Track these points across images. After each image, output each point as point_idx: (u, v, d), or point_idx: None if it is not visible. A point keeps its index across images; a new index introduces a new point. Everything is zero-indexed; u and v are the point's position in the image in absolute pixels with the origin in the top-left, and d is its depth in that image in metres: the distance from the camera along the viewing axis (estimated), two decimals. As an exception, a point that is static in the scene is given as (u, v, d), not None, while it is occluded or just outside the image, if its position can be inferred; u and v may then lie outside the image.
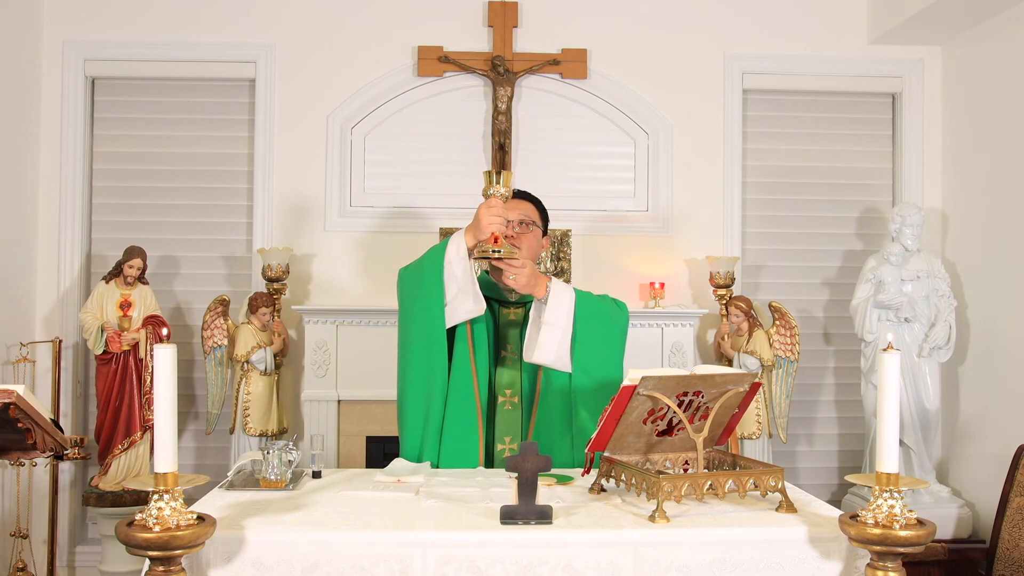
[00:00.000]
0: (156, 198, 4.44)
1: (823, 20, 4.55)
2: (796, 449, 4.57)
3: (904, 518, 1.74)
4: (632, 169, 4.52)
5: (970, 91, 4.35)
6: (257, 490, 2.19)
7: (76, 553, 4.32)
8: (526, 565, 1.81)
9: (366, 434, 4.17)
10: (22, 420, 1.90)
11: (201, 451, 4.41)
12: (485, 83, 4.42)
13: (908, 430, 4.02)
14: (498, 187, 2.40)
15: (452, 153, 4.45)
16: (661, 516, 1.90)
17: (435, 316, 2.48)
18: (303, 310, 4.19)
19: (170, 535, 1.61)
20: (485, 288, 2.66)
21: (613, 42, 4.49)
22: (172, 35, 4.38)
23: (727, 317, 4.22)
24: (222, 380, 4.12)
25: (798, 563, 1.87)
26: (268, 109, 4.40)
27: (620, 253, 4.45)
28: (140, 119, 4.45)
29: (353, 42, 4.43)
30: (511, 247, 2.43)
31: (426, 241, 4.33)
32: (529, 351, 2.53)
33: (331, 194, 4.40)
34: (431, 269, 2.48)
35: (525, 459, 1.92)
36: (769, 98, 4.62)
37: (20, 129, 4.18)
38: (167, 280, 4.41)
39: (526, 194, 2.71)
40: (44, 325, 4.29)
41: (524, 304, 2.72)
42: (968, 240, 4.34)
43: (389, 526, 1.87)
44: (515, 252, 2.44)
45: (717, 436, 2.25)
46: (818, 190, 4.62)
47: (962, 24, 4.25)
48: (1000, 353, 4.04)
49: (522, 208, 2.64)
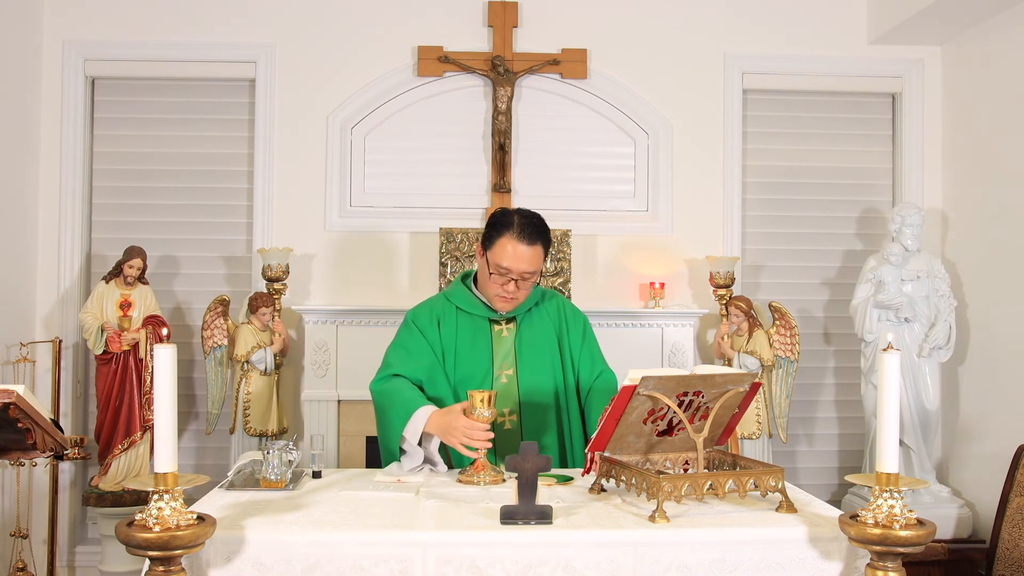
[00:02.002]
0: (156, 198, 4.44)
1: (823, 20, 4.55)
2: (796, 449, 4.57)
3: (904, 518, 1.74)
4: (632, 169, 4.52)
5: (970, 91, 4.35)
6: (257, 490, 2.19)
7: (76, 553, 4.32)
8: (526, 565, 1.81)
9: (366, 434, 4.17)
10: (22, 420, 1.90)
11: (201, 451, 4.41)
12: (485, 83, 4.42)
13: (908, 430, 4.02)
14: (482, 410, 2.33)
15: (452, 153, 4.45)
16: (661, 516, 1.90)
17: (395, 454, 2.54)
18: (303, 310, 4.19)
19: (170, 535, 1.61)
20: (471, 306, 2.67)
21: (613, 42, 4.49)
22: (172, 35, 4.38)
23: (727, 317, 4.22)
24: (222, 380, 4.12)
25: (798, 563, 1.87)
26: (268, 109, 4.40)
27: (620, 253, 4.45)
28: (140, 119, 4.44)
29: (353, 42, 4.43)
30: (494, 471, 2.36)
31: (426, 241, 4.35)
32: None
33: (331, 194, 4.40)
34: (391, 436, 2.51)
35: (525, 459, 1.92)
36: (769, 98, 4.62)
37: (20, 129, 4.18)
38: (167, 280, 4.41)
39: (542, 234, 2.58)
40: (44, 325, 4.29)
41: (514, 319, 2.71)
42: (968, 240, 4.34)
43: (389, 526, 1.87)
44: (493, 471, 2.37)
45: (717, 436, 2.25)
46: (818, 190, 4.62)
47: (962, 24, 4.25)
48: (1000, 353, 4.04)
49: (535, 259, 2.55)
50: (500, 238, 2.54)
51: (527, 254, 2.52)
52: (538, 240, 2.55)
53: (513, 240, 2.52)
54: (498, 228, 2.56)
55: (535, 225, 2.55)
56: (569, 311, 2.80)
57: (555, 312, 2.77)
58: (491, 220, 2.61)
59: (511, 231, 2.53)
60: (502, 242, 2.53)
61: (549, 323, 2.74)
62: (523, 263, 2.52)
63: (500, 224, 2.56)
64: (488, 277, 2.58)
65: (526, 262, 2.53)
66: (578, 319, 2.80)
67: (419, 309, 2.75)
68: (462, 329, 2.67)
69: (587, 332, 2.79)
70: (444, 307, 2.71)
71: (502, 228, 2.54)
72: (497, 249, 2.54)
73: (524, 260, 2.52)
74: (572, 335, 2.75)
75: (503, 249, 2.53)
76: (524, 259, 2.52)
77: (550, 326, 2.74)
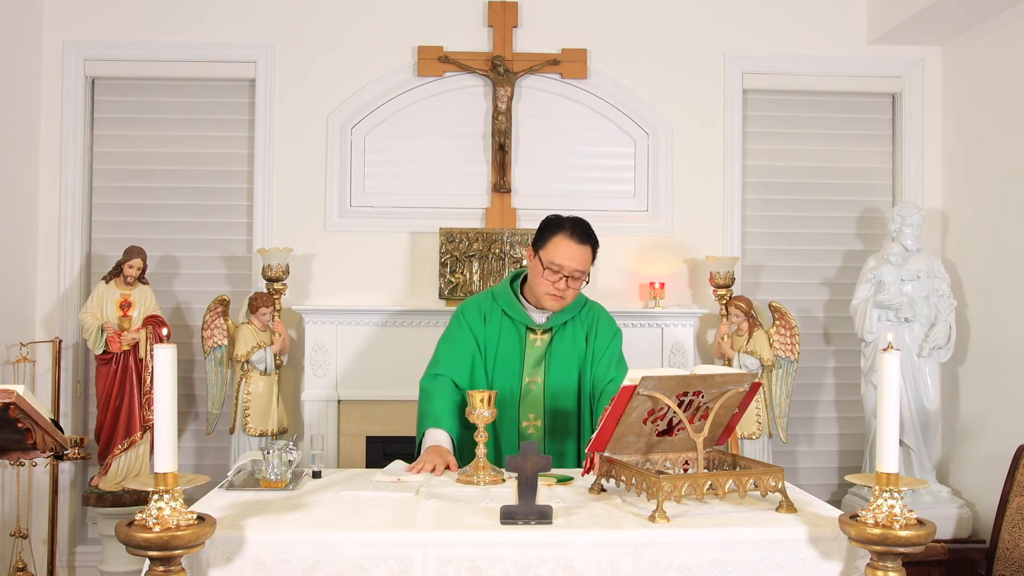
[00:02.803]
0: (156, 198, 4.44)
1: (823, 20, 4.55)
2: (796, 449, 4.57)
3: (904, 518, 1.74)
4: (632, 169, 4.52)
5: (970, 91, 4.35)
6: (257, 490, 2.19)
7: (76, 553, 4.32)
8: (526, 565, 1.81)
9: (366, 434, 4.17)
10: (22, 420, 1.90)
11: (201, 451, 4.41)
12: (485, 83, 4.42)
13: (908, 430, 4.02)
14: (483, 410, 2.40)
15: (452, 153, 4.45)
16: (661, 516, 1.90)
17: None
18: (303, 310, 4.19)
19: (170, 535, 1.61)
20: (513, 310, 2.81)
21: (613, 42, 4.49)
22: (172, 35, 4.38)
23: (727, 317, 4.22)
24: (222, 380, 4.12)
25: (798, 563, 1.87)
26: (268, 109, 4.40)
27: (620, 253, 4.45)
28: (140, 119, 4.44)
29: (353, 42, 4.43)
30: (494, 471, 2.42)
31: (426, 241, 4.35)
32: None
33: (331, 194, 4.40)
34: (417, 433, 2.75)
35: (525, 459, 1.92)
36: (769, 98, 4.62)
37: (20, 129, 4.18)
38: (167, 280, 4.41)
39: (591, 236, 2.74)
40: (44, 325, 4.29)
41: (550, 330, 2.82)
42: (968, 240, 4.34)
43: (389, 526, 1.87)
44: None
45: (717, 436, 2.25)
46: (818, 190, 4.62)
47: (962, 24, 4.25)
48: (1000, 353, 4.04)
49: (585, 258, 2.70)
50: (554, 237, 2.70)
51: (578, 253, 2.68)
52: (588, 241, 2.72)
53: (566, 239, 2.69)
54: (551, 228, 2.73)
55: (585, 227, 2.74)
56: (603, 319, 2.91)
57: (590, 320, 2.89)
58: (544, 223, 2.78)
59: (564, 231, 2.70)
60: (556, 240, 2.69)
61: (581, 331, 2.86)
62: (574, 261, 2.67)
63: (554, 225, 2.74)
64: (540, 275, 2.71)
65: (577, 260, 2.68)
66: (609, 328, 2.90)
67: (469, 303, 2.91)
68: (504, 332, 2.82)
69: (614, 341, 2.89)
70: (491, 307, 2.86)
71: (556, 228, 2.72)
72: (550, 248, 2.69)
73: (575, 258, 2.67)
74: (599, 341, 2.86)
75: (556, 247, 2.68)
76: (576, 257, 2.67)
77: (581, 334, 2.85)
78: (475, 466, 2.37)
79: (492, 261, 4.24)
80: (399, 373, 4.04)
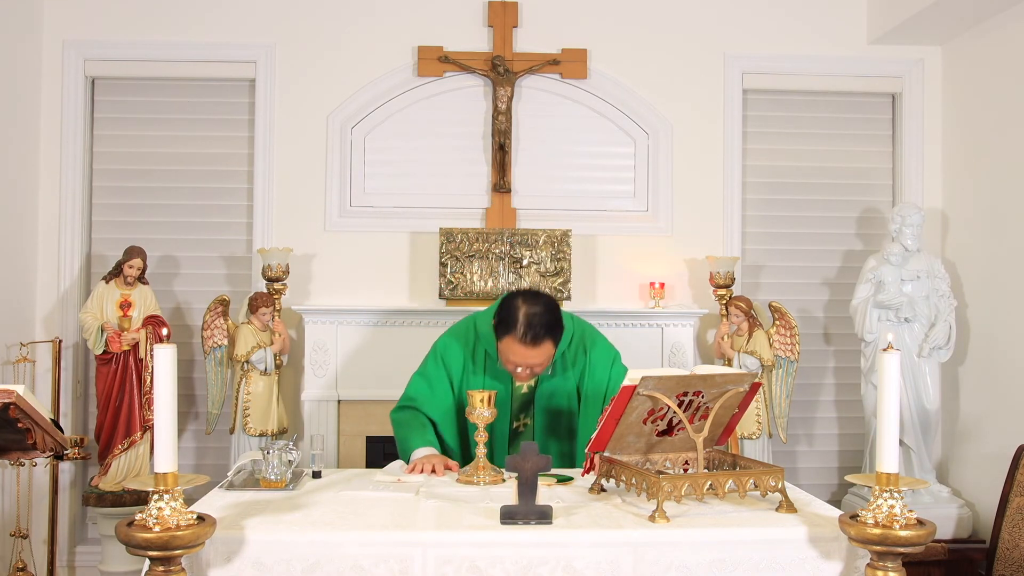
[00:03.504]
0: (156, 198, 4.44)
1: (823, 20, 4.55)
2: (796, 449, 4.57)
3: (904, 518, 1.74)
4: (632, 169, 4.52)
5: (970, 91, 4.35)
6: (257, 490, 2.19)
7: (76, 553, 4.32)
8: (526, 565, 1.81)
9: (366, 434, 4.17)
10: (22, 420, 1.90)
11: (201, 451, 4.41)
12: (485, 83, 4.42)
13: (908, 430, 4.02)
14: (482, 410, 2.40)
15: (452, 153, 4.45)
16: (661, 516, 1.90)
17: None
18: (303, 310, 4.19)
19: (170, 535, 1.61)
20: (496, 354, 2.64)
21: (613, 42, 4.49)
22: (172, 35, 4.38)
23: (727, 317, 4.22)
24: (222, 380, 4.12)
25: (798, 563, 1.87)
26: (268, 109, 4.40)
27: (620, 253, 4.45)
28: (140, 119, 4.44)
29: (353, 42, 4.43)
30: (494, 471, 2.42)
31: (426, 241, 4.35)
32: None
33: (331, 194, 4.40)
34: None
35: (525, 459, 1.92)
36: (769, 98, 4.62)
37: (20, 129, 4.18)
38: (167, 280, 4.41)
39: (549, 331, 2.53)
40: (44, 325, 4.29)
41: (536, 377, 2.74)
42: (968, 240, 4.34)
43: (389, 526, 1.87)
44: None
45: (717, 436, 2.25)
46: (818, 190, 4.62)
47: (962, 24, 4.25)
48: (1000, 353, 4.04)
49: (542, 354, 2.53)
50: (506, 337, 2.52)
51: (532, 353, 2.51)
52: (545, 339, 2.51)
53: (516, 343, 2.50)
54: (504, 326, 2.52)
55: (541, 326, 2.49)
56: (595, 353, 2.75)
57: (581, 363, 2.74)
58: (499, 314, 2.56)
59: (514, 334, 2.49)
60: (507, 341, 2.52)
61: (572, 375, 2.74)
62: (530, 359, 2.53)
63: (506, 323, 2.52)
64: (502, 354, 2.58)
65: (533, 358, 2.53)
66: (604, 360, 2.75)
67: (450, 343, 2.76)
68: (488, 376, 2.70)
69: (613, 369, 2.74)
70: (475, 348, 2.72)
71: (507, 328, 2.51)
72: (503, 346, 2.55)
73: (531, 357, 2.52)
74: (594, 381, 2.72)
75: (508, 347, 2.53)
76: (530, 356, 2.52)
77: (572, 378, 2.74)
78: (475, 466, 2.37)
79: (492, 261, 4.24)
80: (399, 373, 4.00)
